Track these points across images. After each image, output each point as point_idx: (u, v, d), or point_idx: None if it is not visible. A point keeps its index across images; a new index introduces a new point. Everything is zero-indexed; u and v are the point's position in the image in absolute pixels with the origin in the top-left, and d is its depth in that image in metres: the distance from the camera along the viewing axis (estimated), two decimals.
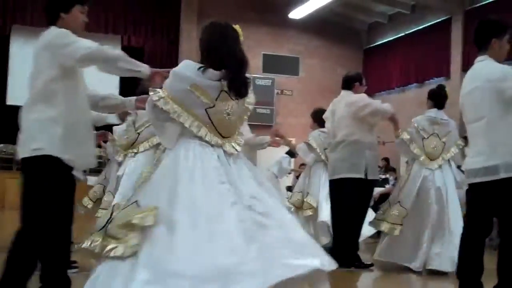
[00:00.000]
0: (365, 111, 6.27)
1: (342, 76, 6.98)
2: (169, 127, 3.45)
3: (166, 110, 3.36)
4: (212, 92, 3.38)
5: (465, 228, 4.41)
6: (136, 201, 3.23)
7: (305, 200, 8.02)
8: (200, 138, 3.37)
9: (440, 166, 6.42)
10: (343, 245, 6.34)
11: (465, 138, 5.41)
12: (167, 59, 18.33)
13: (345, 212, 6.41)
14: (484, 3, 15.79)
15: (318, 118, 8.07)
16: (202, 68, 3.38)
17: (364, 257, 6.69)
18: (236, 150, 3.43)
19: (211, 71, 3.40)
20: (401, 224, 6.22)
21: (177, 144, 3.41)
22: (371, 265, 6.42)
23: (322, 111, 7.90)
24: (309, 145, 8.09)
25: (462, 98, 4.45)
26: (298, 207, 8.01)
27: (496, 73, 4.17)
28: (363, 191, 6.39)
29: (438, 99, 6.59)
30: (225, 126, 3.43)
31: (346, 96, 6.59)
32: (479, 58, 4.39)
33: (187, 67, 3.43)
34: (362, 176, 6.34)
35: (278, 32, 19.87)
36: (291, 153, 8.67)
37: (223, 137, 3.41)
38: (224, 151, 3.38)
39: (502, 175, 4.04)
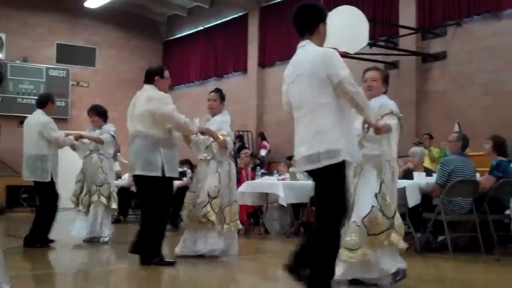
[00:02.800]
0: (166, 121, 6.13)
1: (140, 68, 6.76)
2: None
3: None
4: None
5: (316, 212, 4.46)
6: None
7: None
8: None
9: None
10: (146, 242, 6.17)
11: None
12: None
13: (146, 209, 6.24)
14: (279, 0, 16.37)
15: (103, 114, 8.45)
16: None
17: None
18: None
19: None
20: None
21: None
22: (174, 262, 6.25)
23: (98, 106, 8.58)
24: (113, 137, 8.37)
25: (289, 87, 4.34)
26: None
27: (319, 57, 4.05)
28: (162, 189, 6.22)
29: None
30: None
31: (148, 90, 6.35)
32: (302, 43, 4.24)
33: None
34: (159, 174, 6.18)
35: (73, 20, 18.99)
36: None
37: None
38: None
39: (324, 162, 4.00)
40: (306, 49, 4.20)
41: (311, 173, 4.15)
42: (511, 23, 11.64)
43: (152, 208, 6.18)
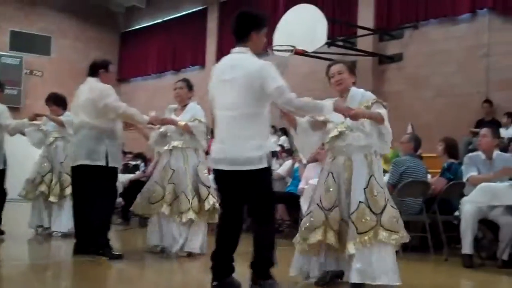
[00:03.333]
0: (109, 112, 6.06)
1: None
2: None
3: None
4: None
5: (221, 213, 4.60)
6: None
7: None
8: None
9: None
10: (86, 233, 6.09)
11: None
12: None
13: (88, 199, 6.14)
14: None
15: (62, 102, 8.18)
16: None
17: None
18: None
19: None
20: None
21: None
22: (121, 256, 6.16)
23: (56, 95, 8.24)
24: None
25: (217, 84, 4.43)
26: None
27: (256, 69, 4.23)
28: (105, 179, 6.16)
29: None
30: None
31: (91, 82, 6.28)
32: (238, 49, 4.40)
33: None
34: (102, 163, 6.13)
35: (29, 8, 18.58)
36: None
37: None
38: None
39: (246, 167, 4.22)
40: (244, 56, 4.36)
41: (230, 174, 4.32)
42: (465, 27, 11.88)
43: (98, 198, 6.10)
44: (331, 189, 4.62)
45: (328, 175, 4.67)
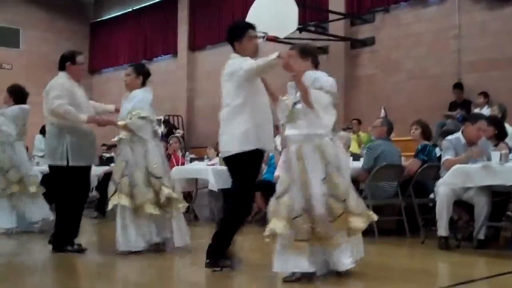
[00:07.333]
0: (57, 111, 5.92)
1: (66, 51, 6.47)
2: None
3: None
4: None
5: None
6: None
7: None
8: None
9: None
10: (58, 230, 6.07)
11: None
12: None
13: (62, 199, 6.05)
14: None
15: (15, 94, 7.72)
16: None
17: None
18: None
19: None
20: None
21: None
22: (85, 249, 6.11)
23: (15, 86, 7.81)
24: None
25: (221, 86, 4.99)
26: None
27: (236, 67, 4.77)
28: (67, 180, 5.97)
29: None
30: None
31: (57, 78, 6.14)
32: (232, 55, 4.95)
33: None
34: (63, 163, 5.93)
35: None
36: None
37: None
38: None
39: (227, 153, 4.84)
40: (231, 61, 4.92)
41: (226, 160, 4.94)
42: (436, 10, 11.95)
43: (62, 199, 6.05)
44: (284, 177, 4.53)
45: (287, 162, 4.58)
